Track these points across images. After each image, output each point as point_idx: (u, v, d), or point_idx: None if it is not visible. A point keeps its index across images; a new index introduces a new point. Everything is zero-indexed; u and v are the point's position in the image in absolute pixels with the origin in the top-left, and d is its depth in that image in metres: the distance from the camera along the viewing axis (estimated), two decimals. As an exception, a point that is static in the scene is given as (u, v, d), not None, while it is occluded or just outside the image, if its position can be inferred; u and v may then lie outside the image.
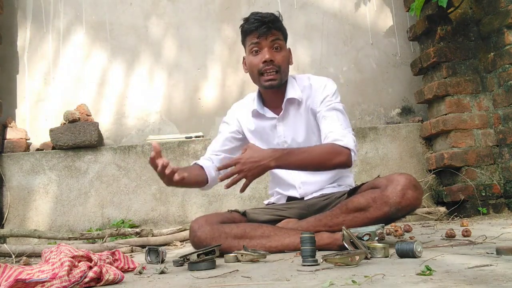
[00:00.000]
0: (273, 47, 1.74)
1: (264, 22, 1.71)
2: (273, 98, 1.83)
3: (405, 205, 1.50)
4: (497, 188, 2.81)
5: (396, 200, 1.50)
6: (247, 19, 1.77)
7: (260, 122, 1.86)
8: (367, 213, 1.55)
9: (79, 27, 3.44)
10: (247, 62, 1.81)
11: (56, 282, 1.07)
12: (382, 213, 1.52)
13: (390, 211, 1.51)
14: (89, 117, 3.16)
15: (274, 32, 1.73)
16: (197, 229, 1.63)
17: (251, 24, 1.73)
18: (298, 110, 1.81)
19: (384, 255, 1.32)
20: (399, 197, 1.49)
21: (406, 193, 1.49)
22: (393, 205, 1.50)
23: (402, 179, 1.52)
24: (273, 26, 1.73)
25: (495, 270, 0.99)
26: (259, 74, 1.75)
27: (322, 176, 1.81)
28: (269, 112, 1.84)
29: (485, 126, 2.90)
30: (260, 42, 1.73)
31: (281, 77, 1.75)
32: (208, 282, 1.10)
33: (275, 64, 1.73)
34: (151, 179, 3.07)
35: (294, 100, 1.80)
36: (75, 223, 3.00)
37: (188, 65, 3.43)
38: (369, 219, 1.55)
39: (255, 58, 1.75)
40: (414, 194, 1.50)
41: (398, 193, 1.50)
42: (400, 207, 1.50)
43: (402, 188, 1.50)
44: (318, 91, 1.80)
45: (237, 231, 1.63)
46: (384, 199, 1.52)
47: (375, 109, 3.39)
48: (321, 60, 3.43)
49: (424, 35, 3.13)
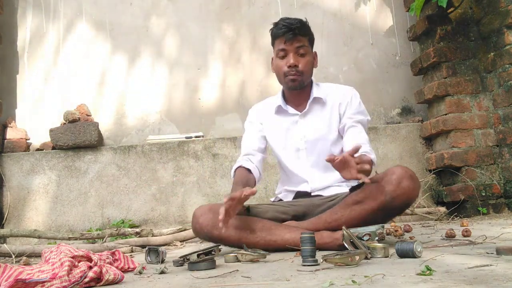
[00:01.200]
0: (298, 52, 1.85)
1: (291, 28, 1.81)
2: (296, 98, 1.94)
3: (400, 193, 1.52)
4: (497, 188, 2.81)
5: (390, 189, 1.53)
6: (276, 24, 1.88)
7: (282, 118, 1.96)
8: (364, 205, 1.58)
9: (79, 27, 3.44)
10: (274, 64, 1.93)
11: (56, 282, 1.07)
12: (378, 203, 1.55)
13: (386, 200, 1.54)
14: (89, 117, 3.16)
15: (299, 38, 1.84)
16: (200, 215, 1.69)
17: (279, 30, 1.84)
18: (322, 109, 1.92)
19: (384, 255, 1.32)
20: (394, 186, 1.53)
21: (401, 182, 1.53)
22: (388, 194, 1.53)
23: (397, 170, 1.57)
24: (299, 32, 1.83)
25: (495, 270, 0.99)
26: (284, 76, 1.87)
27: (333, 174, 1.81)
28: (291, 109, 1.95)
29: (485, 126, 2.90)
30: (286, 47, 1.84)
31: (303, 80, 1.87)
32: (208, 282, 1.10)
33: (299, 70, 1.85)
34: (151, 179, 3.08)
35: (320, 100, 1.92)
36: (75, 223, 3.00)
37: (188, 65, 3.43)
38: (366, 211, 1.57)
39: (281, 61, 1.87)
40: (409, 183, 1.53)
41: (393, 182, 1.54)
42: (395, 195, 1.52)
43: (397, 177, 1.54)
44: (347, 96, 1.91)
45: (239, 222, 1.66)
46: (380, 189, 1.55)
47: (375, 109, 3.39)
48: (321, 60, 3.39)
49: (424, 35, 3.14)
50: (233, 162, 3.11)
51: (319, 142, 1.88)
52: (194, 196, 3.07)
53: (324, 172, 1.86)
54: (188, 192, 3.08)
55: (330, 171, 1.83)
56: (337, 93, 1.93)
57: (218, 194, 3.07)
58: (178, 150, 3.12)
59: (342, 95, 1.92)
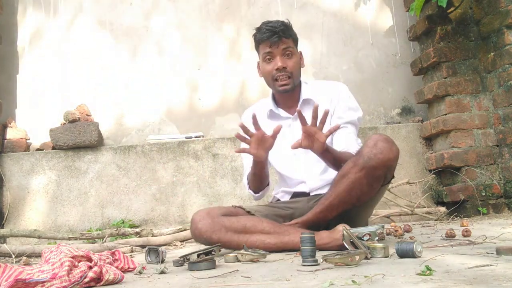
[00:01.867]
0: (284, 54, 1.84)
1: (275, 32, 1.81)
2: (287, 100, 1.94)
3: (376, 152, 1.55)
4: (497, 188, 2.81)
5: (367, 150, 1.57)
6: (259, 29, 1.87)
7: (274, 122, 1.90)
8: (348, 175, 1.60)
9: (79, 27, 3.44)
10: (261, 68, 1.93)
11: (56, 282, 1.07)
12: (359, 168, 1.57)
13: (364, 161, 1.56)
14: (89, 117, 3.16)
15: (284, 41, 1.83)
16: (198, 221, 1.67)
17: (263, 34, 1.84)
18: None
19: (384, 255, 1.32)
20: (370, 147, 1.57)
21: (377, 143, 1.57)
22: (365, 155, 1.56)
23: (373, 135, 1.61)
24: (283, 35, 1.82)
25: (495, 270, 0.99)
26: (273, 80, 1.87)
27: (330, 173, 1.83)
28: (283, 112, 1.94)
29: (485, 126, 2.90)
30: (272, 50, 1.84)
31: (293, 81, 1.86)
32: (208, 282, 1.10)
33: (288, 71, 1.84)
34: (151, 179, 3.08)
35: (310, 101, 1.90)
36: (75, 223, 3.00)
37: (188, 64, 3.43)
38: (351, 181, 1.59)
39: (268, 65, 1.86)
40: (385, 144, 1.56)
41: (369, 144, 1.58)
42: (372, 154, 1.55)
43: (374, 140, 1.58)
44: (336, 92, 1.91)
45: (237, 225, 1.65)
46: (359, 154, 1.60)
47: (375, 109, 3.39)
48: (321, 60, 3.44)
49: (424, 35, 3.13)
50: (233, 162, 3.11)
51: None
52: (194, 196, 3.07)
53: (321, 173, 1.87)
54: (188, 192, 3.08)
55: (326, 172, 1.85)
56: (326, 90, 1.92)
57: (218, 194, 3.07)
58: (178, 150, 3.12)
59: (331, 92, 1.91)
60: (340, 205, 1.63)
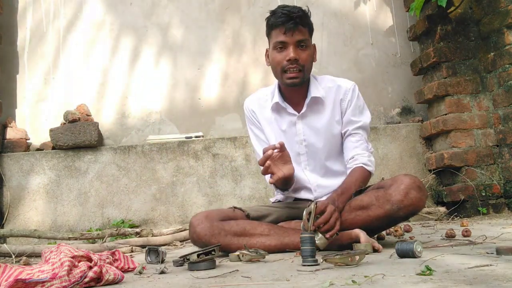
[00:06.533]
0: (298, 45, 1.68)
1: (292, 17, 1.64)
2: (293, 95, 1.80)
3: (407, 204, 1.49)
4: (497, 188, 2.81)
5: (398, 198, 1.49)
6: (274, 12, 1.70)
7: (279, 117, 1.83)
8: (369, 211, 1.54)
9: (79, 27, 3.44)
10: (270, 57, 1.76)
11: (56, 282, 1.07)
12: (384, 211, 1.51)
13: (392, 209, 1.50)
14: (89, 117, 3.16)
15: (300, 29, 1.66)
16: (197, 225, 1.62)
17: (278, 18, 1.66)
18: (321, 110, 1.79)
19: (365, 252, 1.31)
20: (402, 196, 1.49)
21: (409, 192, 1.49)
22: (395, 203, 1.49)
23: (406, 179, 1.52)
24: (300, 22, 1.66)
25: (495, 270, 0.99)
26: (282, 71, 1.71)
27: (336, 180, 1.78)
28: (290, 108, 1.81)
29: (485, 126, 2.90)
30: (285, 40, 1.67)
31: (304, 75, 1.72)
32: (208, 282, 1.10)
33: (299, 63, 1.69)
34: (151, 179, 3.08)
35: (318, 100, 1.78)
36: (75, 223, 3.00)
37: (188, 64, 3.43)
38: (371, 217, 1.54)
39: (280, 54, 1.70)
40: (417, 194, 1.49)
41: (401, 192, 1.49)
42: (402, 205, 1.49)
43: (406, 187, 1.50)
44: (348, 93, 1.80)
45: (237, 228, 1.62)
46: (387, 197, 1.51)
47: (375, 109, 3.39)
48: (321, 59, 3.43)
49: (424, 35, 3.13)
50: (233, 162, 3.11)
51: (320, 146, 1.79)
52: (194, 196, 3.07)
53: (326, 177, 1.81)
54: (188, 192, 3.07)
55: (330, 176, 1.81)
56: (337, 90, 1.79)
57: (218, 194, 3.07)
58: (178, 150, 3.12)
59: (342, 92, 1.79)
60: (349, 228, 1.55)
